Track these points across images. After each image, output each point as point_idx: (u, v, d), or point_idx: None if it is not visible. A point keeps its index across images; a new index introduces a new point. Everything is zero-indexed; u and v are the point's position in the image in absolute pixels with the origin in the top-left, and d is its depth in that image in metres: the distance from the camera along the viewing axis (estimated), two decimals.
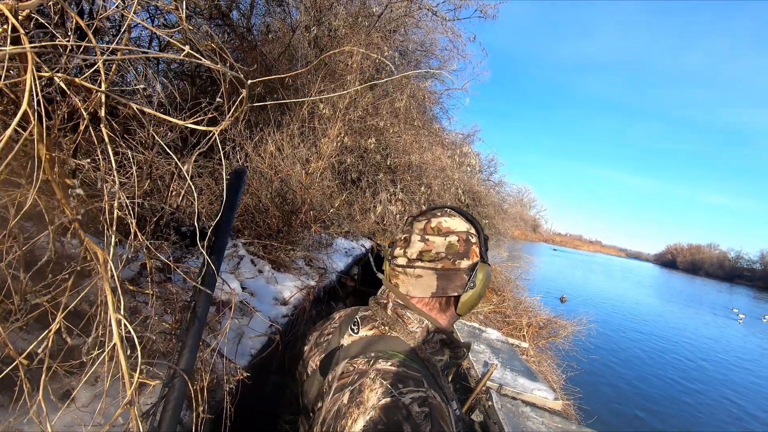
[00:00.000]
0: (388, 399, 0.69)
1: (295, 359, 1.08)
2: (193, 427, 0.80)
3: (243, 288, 1.56)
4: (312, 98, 2.30)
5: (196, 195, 0.66)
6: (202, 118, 0.84)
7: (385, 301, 0.93)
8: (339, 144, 3.06)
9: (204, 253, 0.73)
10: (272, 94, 3.87)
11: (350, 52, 4.74)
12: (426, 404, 0.70)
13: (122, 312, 0.46)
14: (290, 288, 1.76)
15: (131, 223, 0.54)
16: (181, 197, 1.33)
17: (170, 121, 0.49)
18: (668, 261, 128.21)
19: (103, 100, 0.52)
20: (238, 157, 2.01)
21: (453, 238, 0.88)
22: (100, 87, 0.52)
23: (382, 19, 6.76)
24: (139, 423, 0.49)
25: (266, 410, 2.00)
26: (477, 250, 0.92)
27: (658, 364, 10.96)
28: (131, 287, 0.98)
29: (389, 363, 0.78)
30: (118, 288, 0.47)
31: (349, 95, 4.24)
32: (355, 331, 0.91)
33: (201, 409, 0.80)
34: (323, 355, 0.92)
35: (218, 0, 3.79)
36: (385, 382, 0.73)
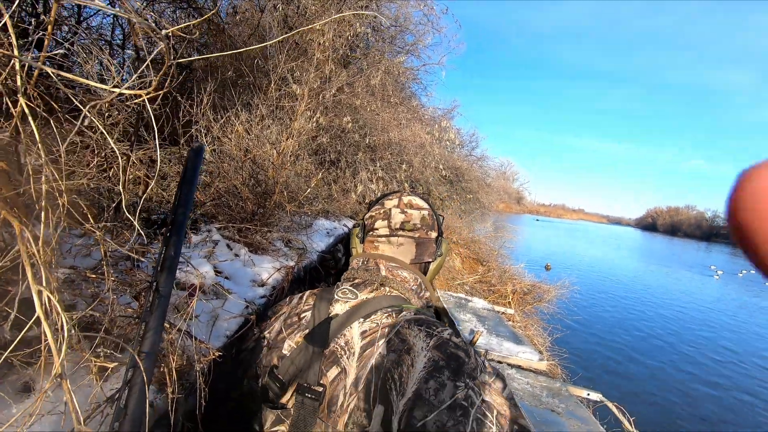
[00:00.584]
0: (434, 338, 0.75)
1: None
2: (167, 409, 0.79)
3: (218, 272, 1.53)
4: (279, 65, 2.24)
5: (151, 182, 0.63)
6: (136, 84, 0.79)
7: (374, 267, 0.98)
8: (313, 123, 3.01)
9: (135, 226, 0.70)
10: (243, 78, 3.75)
11: (321, 30, 4.61)
12: (458, 335, 0.79)
13: (44, 284, 0.43)
14: (268, 269, 1.74)
15: (62, 205, 0.51)
16: (141, 183, 1.29)
17: (93, 86, 0.46)
18: (649, 224, 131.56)
19: (17, 66, 0.48)
20: (205, 140, 1.95)
21: (425, 212, 1.04)
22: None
23: None
24: (72, 396, 0.48)
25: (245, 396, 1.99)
26: (437, 225, 1.08)
27: (640, 320, 11.42)
28: (91, 275, 0.95)
29: (412, 313, 0.85)
30: (39, 259, 0.45)
31: (322, 74, 4.14)
32: (353, 297, 0.93)
33: (171, 390, 0.79)
34: (307, 330, 0.91)
35: None
36: (422, 327, 0.79)
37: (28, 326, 0.47)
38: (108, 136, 0.51)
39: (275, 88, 2.88)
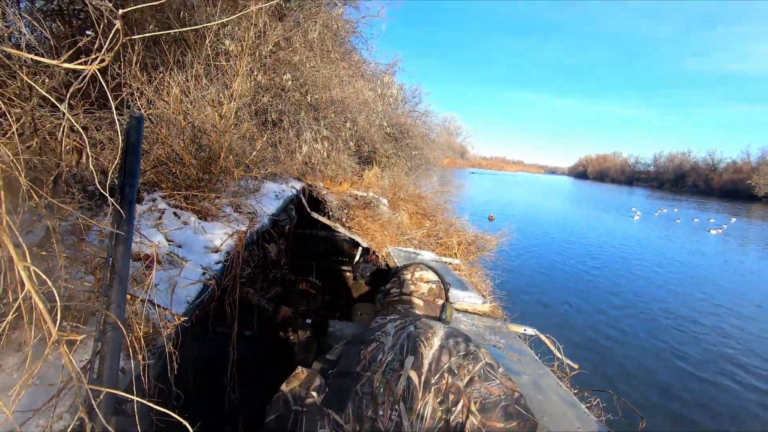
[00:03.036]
0: (447, 326, 1.15)
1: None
2: (138, 375, 0.82)
3: (169, 241, 1.51)
4: (209, 24, 2.10)
5: (98, 150, 0.62)
6: (83, 59, 0.75)
7: (392, 308, 1.34)
8: (252, 83, 2.88)
9: (108, 196, 0.70)
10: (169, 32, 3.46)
11: None
12: None
13: (28, 260, 0.44)
14: (220, 236, 1.73)
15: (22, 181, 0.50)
16: (74, 152, 1.22)
17: (39, 61, 0.44)
18: (580, 172, 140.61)
19: None
20: (138, 104, 1.83)
21: (432, 285, 1.38)
22: None
23: None
24: (71, 358, 0.50)
25: (213, 359, 2.03)
26: (444, 294, 1.41)
27: (569, 260, 12.66)
28: (41, 252, 0.92)
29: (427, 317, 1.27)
30: (19, 238, 0.45)
31: (256, 28, 3.90)
32: (385, 320, 1.24)
33: (141, 356, 0.81)
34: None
35: None
36: (435, 321, 1.18)
37: (21, 306, 0.47)
38: (62, 109, 0.49)
39: (209, 44, 2.71)
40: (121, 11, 0.41)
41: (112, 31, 0.44)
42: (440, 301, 1.37)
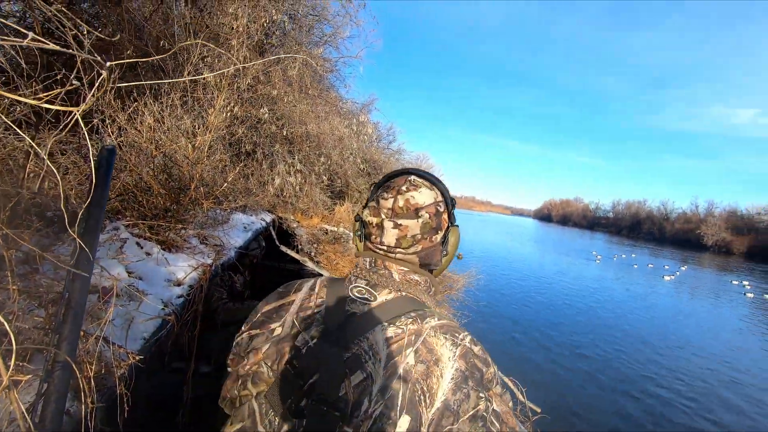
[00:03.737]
0: (459, 347, 0.78)
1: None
2: (84, 418, 0.77)
3: (129, 273, 1.46)
4: (193, 77, 2.13)
5: (60, 176, 0.61)
6: (58, 90, 0.75)
7: (384, 271, 0.91)
8: (228, 114, 2.90)
9: (74, 235, 0.68)
10: (147, 59, 3.46)
11: (234, 14, 4.40)
12: (475, 340, 0.82)
13: None
14: (184, 268, 1.68)
15: None
16: (41, 179, 1.18)
17: (19, 100, 0.45)
18: (545, 215, 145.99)
19: None
20: (109, 130, 1.80)
21: (425, 216, 0.88)
22: None
23: None
24: (20, 402, 0.47)
25: (166, 396, 1.93)
26: (446, 216, 0.94)
27: (536, 301, 12.92)
28: None
29: (435, 319, 0.83)
30: None
31: (235, 62, 3.96)
32: (372, 299, 0.87)
33: (90, 399, 0.76)
34: (323, 326, 0.85)
35: None
36: (447, 336, 0.79)
37: None
38: (26, 138, 0.49)
39: (187, 74, 2.72)
40: (108, 63, 0.42)
41: (99, 80, 0.45)
42: (438, 236, 0.93)
